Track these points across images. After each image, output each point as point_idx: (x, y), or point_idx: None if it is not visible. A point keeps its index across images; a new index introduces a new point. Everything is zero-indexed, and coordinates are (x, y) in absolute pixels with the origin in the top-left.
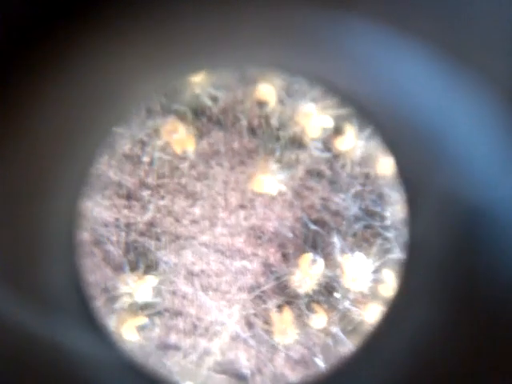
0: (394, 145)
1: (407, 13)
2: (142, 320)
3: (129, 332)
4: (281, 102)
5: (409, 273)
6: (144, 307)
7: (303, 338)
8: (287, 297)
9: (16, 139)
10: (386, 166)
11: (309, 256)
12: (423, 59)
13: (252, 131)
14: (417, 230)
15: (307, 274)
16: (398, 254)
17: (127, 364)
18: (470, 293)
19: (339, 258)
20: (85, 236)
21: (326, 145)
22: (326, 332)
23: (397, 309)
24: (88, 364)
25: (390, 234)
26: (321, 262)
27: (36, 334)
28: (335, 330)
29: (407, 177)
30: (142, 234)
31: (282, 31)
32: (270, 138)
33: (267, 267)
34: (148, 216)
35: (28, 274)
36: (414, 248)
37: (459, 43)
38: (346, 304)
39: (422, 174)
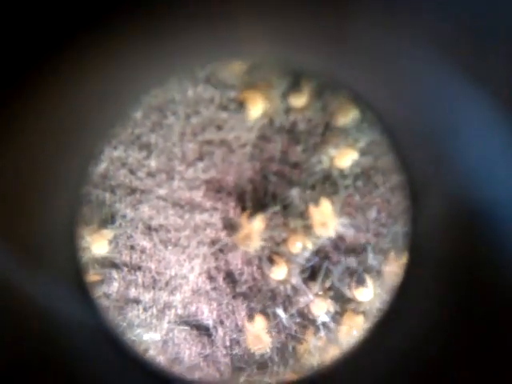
0: (398, 144)
1: (418, 19)
2: (100, 274)
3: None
4: None
5: (410, 271)
6: (101, 261)
7: (264, 289)
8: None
9: (15, 138)
10: (346, 116)
11: (247, 214)
12: (432, 61)
13: (207, 79)
14: (419, 229)
15: (250, 231)
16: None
17: (112, 336)
18: (472, 292)
19: (302, 207)
20: None
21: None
22: (286, 283)
23: (397, 308)
24: (75, 331)
25: (348, 182)
26: (260, 218)
27: (28, 295)
28: (295, 280)
29: (411, 176)
30: (95, 185)
31: (289, 28)
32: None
33: (227, 221)
34: (101, 167)
35: (25, 234)
36: (416, 247)
37: (467, 47)
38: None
39: (425, 174)
